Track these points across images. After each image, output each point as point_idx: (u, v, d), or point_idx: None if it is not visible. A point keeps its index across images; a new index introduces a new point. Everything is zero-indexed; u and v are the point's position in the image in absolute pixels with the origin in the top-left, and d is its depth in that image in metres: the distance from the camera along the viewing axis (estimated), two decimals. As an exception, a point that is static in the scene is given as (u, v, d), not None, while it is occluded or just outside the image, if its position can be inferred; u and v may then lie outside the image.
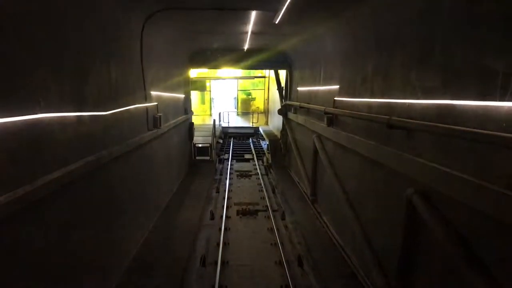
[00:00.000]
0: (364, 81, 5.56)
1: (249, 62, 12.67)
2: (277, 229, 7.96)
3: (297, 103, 10.63)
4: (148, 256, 6.18)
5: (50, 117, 3.38)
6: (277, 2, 5.72)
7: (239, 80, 26.95)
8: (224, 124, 23.20)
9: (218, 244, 7.09)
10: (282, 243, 7.24)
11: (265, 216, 9.00)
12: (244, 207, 9.50)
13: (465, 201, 3.01)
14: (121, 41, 5.61)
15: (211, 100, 27.89)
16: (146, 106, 7.00)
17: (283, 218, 8.82)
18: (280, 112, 13.66)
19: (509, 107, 2.63)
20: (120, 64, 5.47)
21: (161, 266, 5.89)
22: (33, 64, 3.14)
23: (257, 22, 7.55)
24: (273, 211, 9.24)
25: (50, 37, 3.39)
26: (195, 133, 14.13)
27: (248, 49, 11.85)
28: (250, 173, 13.48)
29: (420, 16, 3.87)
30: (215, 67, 14.39)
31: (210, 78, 25.24)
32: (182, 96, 11.77)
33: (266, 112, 25.74)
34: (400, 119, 4.07)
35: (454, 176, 3.13)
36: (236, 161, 15.69)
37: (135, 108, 6.27)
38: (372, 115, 4.94)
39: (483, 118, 2.87)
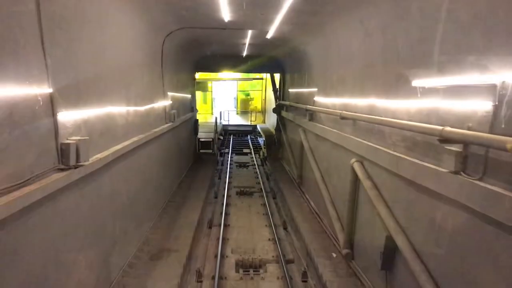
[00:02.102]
0: (331, 86, 7.41)
1: (247, 66, 14.53)
2: (269, 204, 9.82)
3: (288, 103, 12.49)
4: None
5: (114, 109, 5.23)
6: (267, 25, 7.57)
7: (239, 82, 28.84)
8: (225, 122, 25.03)
9: (221, 213, 8.94)
10: (272, 214, 9.10)
11: (259, 196, 10.86)
12: (242, 189, 11.36)
13: (381, 164, 4.86)
14: (150, 54, 7.45)
15: (212, 100, 29.77)
16: (164, 104, 8.83)
17: (274, 197, 10.68)
18: (274, 110, 15.52)
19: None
20: (149, 71, 7.31)
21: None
22: (107, 82, 5.01)
23: (253, 36, 9.40)
24: (266, 192, 11.08)
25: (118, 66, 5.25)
26: (199, 129, 15.97)
27: (246, 56, 13.71)
28: (247, 164, 15.34)
29: (363, 43, 5.72)
30: (217, 71, 16.27)
31: (211, 80, 27.09)
32: (189, 96, 13.61)
33: (263, 111, 27.63)
34: (347, 112, 5.92)
35: (376, 149, 4.97)
36: (236, 154, 17.55)
37: (157, 105, 8.10)
38: (335, 110, 6.79)
39: (389, 111, 4.71)
